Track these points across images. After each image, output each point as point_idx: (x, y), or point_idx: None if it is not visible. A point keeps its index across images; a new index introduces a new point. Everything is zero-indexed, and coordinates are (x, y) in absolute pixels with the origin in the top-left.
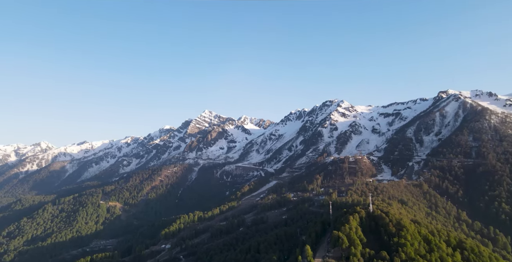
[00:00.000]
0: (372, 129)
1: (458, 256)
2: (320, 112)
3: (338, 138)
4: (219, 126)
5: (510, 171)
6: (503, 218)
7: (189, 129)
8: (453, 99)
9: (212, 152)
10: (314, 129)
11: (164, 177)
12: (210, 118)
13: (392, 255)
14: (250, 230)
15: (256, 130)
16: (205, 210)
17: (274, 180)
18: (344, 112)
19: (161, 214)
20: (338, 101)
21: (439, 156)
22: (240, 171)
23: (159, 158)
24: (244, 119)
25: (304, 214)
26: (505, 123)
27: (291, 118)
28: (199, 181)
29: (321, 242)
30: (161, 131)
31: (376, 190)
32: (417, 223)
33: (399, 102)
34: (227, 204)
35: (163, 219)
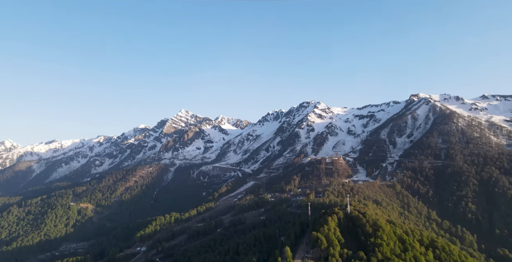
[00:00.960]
0: (347, 131)
1: (430, 255)
2: (297, 113)
3: (315, 139)
4: (196, 126)
5: (476, 172)
6: (469, 217)
7: (165, 129)
8: (424, 102)
9: (188, 152)
10: (291, 130)
11: (139, 177)
12: (187, 118)
13: (369, 255)
14: (228, 231)
15: (233, 130)
16: (182, 211)
17: (251, 180)
18: (321, 114)
19: (135, 215)
20: (315, 103)
21: (411, 157)
22: (217, 172)
23: (133, 157)
24: (221, 119)
25: (282, 214)
26: (471, 126)
27: (269, 119)
28: (175, 182)
29: (300, 243)
30: (135, 130)
31: (352, 190)
32: (392, 223)
33: (373, 104)
34: (204, 205)
35: (138, 221)
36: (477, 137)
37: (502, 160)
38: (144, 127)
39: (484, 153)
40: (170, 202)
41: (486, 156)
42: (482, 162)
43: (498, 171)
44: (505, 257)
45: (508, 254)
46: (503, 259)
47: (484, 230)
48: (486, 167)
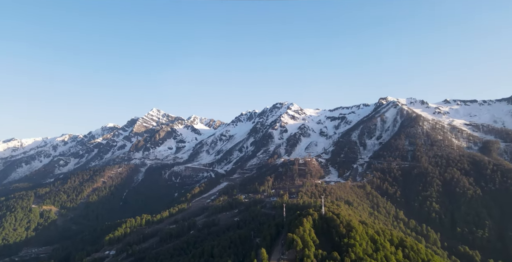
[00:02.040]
0: (320, 132)
1: (400, 254)
2: (270, 114)
3: (288, 140)
4: (167, 126)
5: (439, 173)
6: (433, 216)
7: (135, 128)
8: (392, 106)
9: (160, 152)
10: (265, 131)
11: (107, 178)
12: (158, 117)
13: (343, 255)
14: (202, 233)
15: (206, 130)
16: (153, 212)
17: (225, 181)
18: (294, 115)
19: (103, 218)
20: (288, 104)
21: (380, 159)
22: (189, 172)
23: (101, 157)
24: (194, 119)
25: (256, 216)
26: (435, 129)
27: (242, 119)
28: (146, 182)
29: (276, 244)
30: (103, 129)
31: (324, 191)
32: (365, 224)
33: (344, 106)
34: (176, 206)
35: (107, 223)
36: (440, 139)
37: (462, 162)
38: (113, 126)
39: (446, 155)
40: (141, 204)
41: (448, 157)
42: (445, 163)
43: (459, 172)
44: (465, 254)
45: (468, 251)
46: (463, 256)
47: (447, 229)
48: (449, 168)
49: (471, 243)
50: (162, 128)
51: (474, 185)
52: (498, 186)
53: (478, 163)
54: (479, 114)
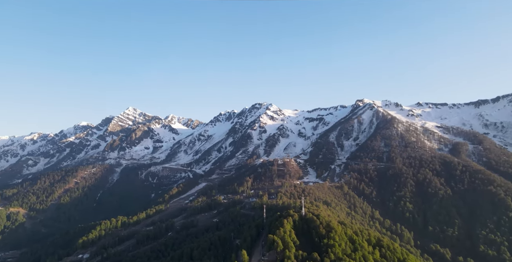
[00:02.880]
0: (298, 133)
1: (377, 254)
2: (249, 114)
3: (267, 141)
4: (144, 125)
5: (413, 174)
6: (407, 216)
7: (110, 127)
8: (368, 108)
9: (136, 152)
10: (244, 131)
11: (80, 178)
12: (135, 116)
13: (323, 255)
14: (180, 235)
15: (184, 130)
16: (129, 214)
17: (203, 181)
18: (273, 116)
19: (76, 220)
20: (267, 105)
21: (357, 160)
22: (167, 172)
23: (74, 157)
24: (172, 118)
25: (235, 217)
26: (408, 131)
27: (221, 119)
28: (122, 183)
29: (256, 245)
30: (76, 127)
31: (303, 192)
32: (344, 224)
33: (322, 108)
34: (154, 208)
35: (80, 226)
36: (414, 141)
37: (434, 163)
38: (86, 124)
39: (419, 156)
40: (116, 205)
41: (421, 158)
42: (418, 164)
43: (431, 173)
44: (437, 252)
45: (440, 249)
46: (435, 254)
47: (419, 228)
48: (421, 169)
49: (442, 241)
50: (139, 128)
51: (445, 185)
52: (467, 186)
53: (449, 164)
54: (449, 117)
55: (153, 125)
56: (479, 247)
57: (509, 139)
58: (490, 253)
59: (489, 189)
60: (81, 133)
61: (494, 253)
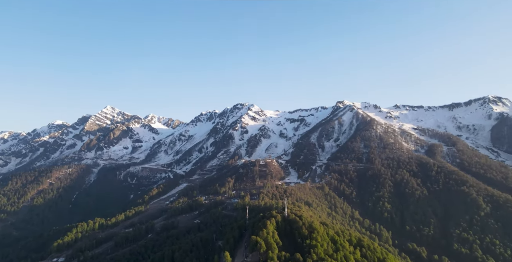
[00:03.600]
0: (279, 134)
1: (358, 254)
2: (231, 114)
3: (249, 141)
4: (123, 124)
5: (391, 175)
6: (385, 216)
7: (87, 126)
8: (348, 109)
9: (114, 152)
10: (225, 132)
11: (55, 179)
12: (113, 115)
13: (305, 256)
14: (161, 237)
15: (164, 130)
16: (107, 216)
17: (184, 182)
18: (254, 116)
19: (50, 222)
20: (248, 105)
21: (337, 161)
22: (146, 173)
23: (48, 157)
24: (152, 118)
25: (217, 218)
26: (387, 133)
27: (202, 119)
28: (99, 184)
29: (239, 247)
30: (50, 126)
31: (285, 192)
32: (325, 225)
33: (303, 109)
34: (133, 209)
35: (55, 228)
36: (392, 142)
37: (411, 164)
38: (61, 123)
39: (397, 157)
40: (93, 206)
41: (399, 160)
42: (396, 165)
43: (408, 174)
44: (413, 251)
45: (416, 248)
46: (412, 252)
47: (397, 227)
48: (399, 170)
49: (419, 240)
50: (117, 127)
51: (421, 185)
52: (442, 187)
53: (425, 165)
54: (425, 119)
55: (132, 125)
56: (453, 246)
57: (480, 141)
58: (463, 251)
59: (462, 189)
60: (55, 132)
61: (467, 251)
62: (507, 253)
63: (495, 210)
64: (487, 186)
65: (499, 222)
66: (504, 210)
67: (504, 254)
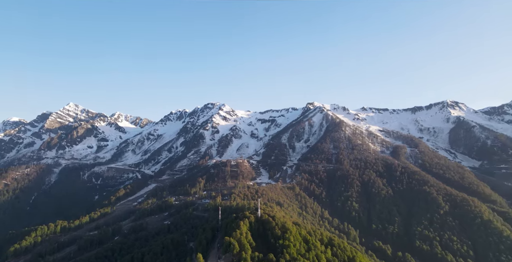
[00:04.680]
0: (251, 134)
1: (329, 252)
2: (201, 114)
3: (220, 141)
4: (87, 123)
5: (359, 175)
6: (353, 215)
7: (47, 123)
8: (318, 111)
9: (78, 151)
10: (196, 131)
11: (11, 179)
12: (76, 113)
13: (278, 256)
14: (128, 239)
15: (132, 129)
16: (70, 218)
17: (153, 182)
18: (226, 116)
19: (6, 225)
20: (219, 105)
21: (308, 161)
22: (112, 173)
23: (2, 156)
24: (118, 116)
25: (188, 219)
26: (355, 134)
27: (172, 118)
28: (61, 184)
29: (211, 248)
30: (5, 123)
31: (257, 193)
32: (298, 225)
33: (274, 109)
34: (98, 211)
35: (11, 232)
36: (360, 144)
37: (377, 165)
38: (18, 120)
39: (365, 158)
40: (54, 208)
41: (366, 160)
42: (363, 166)
43: (375, 174)
44: (379, 248)
45: (382, 246)
46: (378, 250)
47: (364, 226)
48: (366, 170)
49: (384, 238)
50: (81, 125)
51: (387, 185)
52: (405, 186)
53: (390, 165)
54: (390, 121)
55: (97, 123)
56: (415, 243)
57: (440, 143)
58: (424, 248)
59: (424, 189)
60: (11, 129)
61: (427, 248)
62: (464, 249)
63: (453, 208)
64: (446, 185)
65: (456, 219)
66: (460, 208)
67: (461, 250)
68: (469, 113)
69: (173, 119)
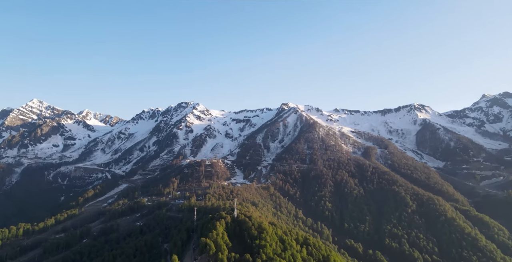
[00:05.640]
0: (225, 134)
1: (304, 252)
2: (175, 113)
3: (194, 141)
4: (53, 120)
5: (332, 175)
6: (326, 214)
7: (8, 120)
8: (293, 111)
9: (42, 150)
10: (169, 131)
11: None
12: (41, 110)
13: (255, 256)
14: (98, 242)
15: (101, 127)
16: (33, 220)
17: (124, 183)
18: (200, 116)
19: None
20: (194, 104)
21: (282, 161)
22: (80, 173)
23: None
24: (87, 114)
25: (162, 220)
26: (328, 135)
27: (144, 117)
28: (23, 185)
29: (187, 249)
30: None
31: (232, 193)
32: (274, 224)
33: (249, 110)
34: (65, 212)
35: None
36: (333, 144)
37: (350, 165)
38: None
39: (338, 158)
40: (16, 210)
41: (339, 161)
42: (336, 166)
43: (347, 174)
44: (351, 247)
45: (354, 244)
46: (350, 248)
47: (337, 225)
48: (339, 171)
49: (356, 236)
50: (46, 123)
51: (359, 185)
52: (376, 186)
53: (361, 166)
54: (361, 123)
55: (64, 121)
56: (385, 241)
57: (408, 144)
58: (393, 245)
59: (393, 189)
60: None
61: (396, 245)
62: (429, 246)
63: (420, 207)
64: (413, 185)
65: (423, 217)
66: (426, 207)
67: (427, 247)
68: (434, 116)
69: (145, 118)
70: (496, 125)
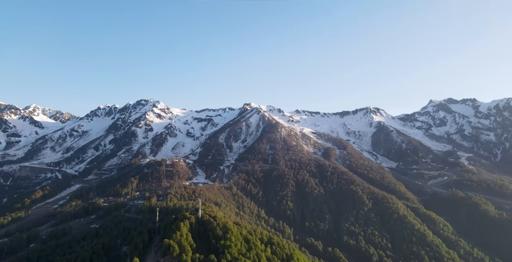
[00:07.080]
0: (187, 133)
1: (269, 251)
2: (134, 110)
3: (154, 140)
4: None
5: (293, 175)
6: (288, 214)
7: None
8: (255, 112)
9: None
10: (127, 129)
11: None
12: None
13: (220, 257)
14: (48, 246)
15: (51, 123)
16: None
17: (77, 183)
18: (160, 114)
19: None
20: (154, 102)
21: (245, 161)
22: (26, 172)
23: None
24: (34, 109)
25: (120, 221)
26: (290, 136)
27: (99, 114)
28: None
29: (148, 252)
30: None
31: (194, 193)
32: (239, 224)
33: (211, 109)
34: (8, 215)
35: None
36: (294, 145)
37: (311, 165)
38: None
39: (299, 158)
40: None
41: (300, 161)
42: (298, 166)
43: (308, 174)
44: (312, 245)
45: (314, 242)
46: (310, 246)
47: (298, 224)
48: (301, 171)
49: (316, 234)
50: None
51: (319, 185)
52: (335, 186)
53: (322, 166)
54: (321, 124)
55: (7, 116)
56: (343, 238)
57: (364, 145)
58: (351, 242)
59: (351, 188)
60: None
61: (353, 243)
62: (383, 242)
63: (375, 205)
64: (369, 185)
65: (378, 215)
66: (381, 205)
67: (381, 243)
68: (388, 119)
69: (101, 115)
70: (441, 129)
